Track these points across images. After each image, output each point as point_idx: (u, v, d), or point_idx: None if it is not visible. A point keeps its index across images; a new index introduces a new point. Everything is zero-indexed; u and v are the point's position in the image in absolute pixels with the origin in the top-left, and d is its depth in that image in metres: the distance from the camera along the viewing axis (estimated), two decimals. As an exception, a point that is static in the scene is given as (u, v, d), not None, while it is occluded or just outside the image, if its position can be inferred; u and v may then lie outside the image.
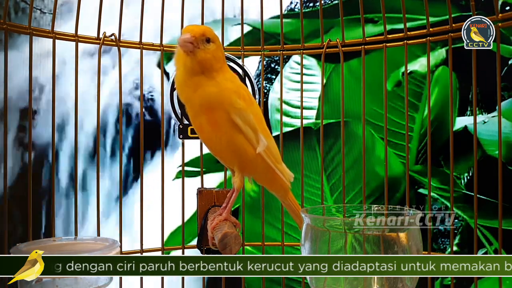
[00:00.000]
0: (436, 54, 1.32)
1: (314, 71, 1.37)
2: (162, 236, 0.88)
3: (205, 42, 0.64)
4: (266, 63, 1.36)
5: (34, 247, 0.63)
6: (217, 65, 0.65)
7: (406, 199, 0.88)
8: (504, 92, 1.27)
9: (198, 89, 0.64)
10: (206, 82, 0.64)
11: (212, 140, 0.67)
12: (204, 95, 0.64)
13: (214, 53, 0.64)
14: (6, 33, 0.77)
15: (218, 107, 0.64)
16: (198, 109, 0.65)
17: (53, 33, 0.81)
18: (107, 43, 0.86)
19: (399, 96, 1.32)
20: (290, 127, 1.30)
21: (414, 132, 1.33)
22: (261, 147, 0.66)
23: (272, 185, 0.72)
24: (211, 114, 0.64)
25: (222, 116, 0.64)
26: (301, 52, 0.93)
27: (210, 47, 0.64)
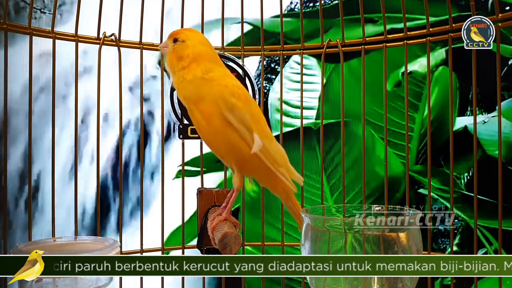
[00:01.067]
0: (436, 54, 1.32)
1: (314, 71, 1.37)
2: (162, 236, 0.89)
3: (172, 42, 0.69)
4: (266, 63, 1.36)
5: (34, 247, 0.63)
6: (183, 62, 0.67)
7: (406, 199, 0.88)
8: (504, 92, 1.27)
9: (180, 85, 0.68)
10: (186, 77, 0.67)
11: (209, 136, 0.67)
12: (186, 90, 0.67)
13: (179, 51, 0.68)
14: (6, 33, 0.77)
15: (202, 100, 0.65)
16: (187, 103, 0.67)
17: (53, 33, 0.81)
18: (107, 43, 0.86)
19: (399, 96, 1.32)
20: (290, 127, 1.30)
21: (414, 132, 1.33)
22: (256, 147, 0.65)
23: (274, 187, 0.71)
24: (200, 108, 0.66)
25: (214, 111, 0.65)
26: (301, 52, 0.93)
27: (176, 46, 0.68)
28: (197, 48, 0.68)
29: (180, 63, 0.67)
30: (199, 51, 0.68)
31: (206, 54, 0.68)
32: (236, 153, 0.66)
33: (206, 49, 0.69)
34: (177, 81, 0.68)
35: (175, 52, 0.68)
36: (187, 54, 0.67)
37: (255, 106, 0.70)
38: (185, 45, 0.68)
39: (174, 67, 0.68)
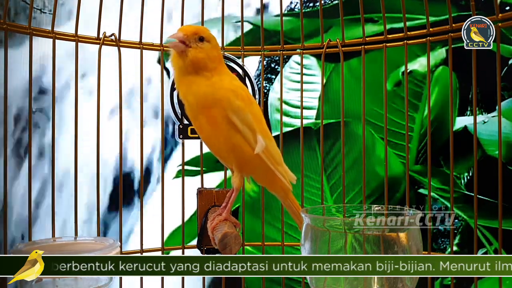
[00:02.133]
0: (436, 54, 1.32)
1: (314, 71, 1.37)
2: (162, 236, 0.88)
3: (198, 40, 0.63)
4: (266, 63, 1.36)
5: (34, 247, 0.63)
6: (212, 64, 0.64)
7: (406, 199, 0.88)
8: (504, 92, 1.27)
9: (193, 88, 0.64)
10: (202, 81, 0.64)
11: (212, 139, 0.67)
12: (200, 94, 0.64)
13: (209, 52, 0.64)
14: (6, 33, 0.77)
15: (215, 106, 0.64)
16: (196, 108, 0.65)
17: (53, 33, 0.81)
18: (107, 43, 0.86)
19: (399, 96, 1.32)
20: (290, 127, 1.30)
21: (414, 132, 1.33)
22: (259, 147, 0.66)
23: (272, 186, 0.72)
24: (209, 113, 0.64)
25: (220, 114, 0.64)
26: (301, 52, 0.93)
27: (204, 46, 0.64)
28: (219, 51, 0.67)
29: (211, 64, 0.64)
30: (220, 53, 0.67)
31: (221, 56, 0.67)
32: (238, 154, 0.66)
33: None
34: (189, 82, 0.64)
35: (204, 52, 0.63)
36: (214, 56, 0.64)
37: (257, 106, 0.70)
38: (212, 46, 0.64)
39: (200, 67, 0.63)
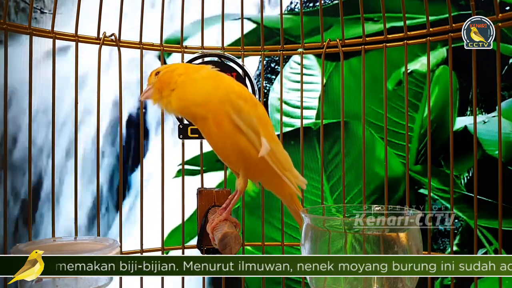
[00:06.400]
0: (437, 54, 1.32)
1: (314, 71, 1.37)
2: (162, 236, 0.88)
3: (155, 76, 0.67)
4: (266, 63, 1.36)
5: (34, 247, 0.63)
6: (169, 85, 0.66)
7: (406, 199, 0.88)
8: (504, 92, 1.27)
9: (185, 102, 0.65)
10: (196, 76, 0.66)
11: (219, 144, 0.66)
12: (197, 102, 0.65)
13: (161, 79, 0.66)
14: (6, 33, 0.77)
15: (219, 108, 0.64)
16: (199, 118, 0.65)
17: (53, 33, 0.81)
18: (107, 43, 0.86)
19: (399, 96, 1.32)
20: (290, 127, 1.30)
21: (414, 132, 1.33)
22: (264, 151, 0.65)
23: (279, 191, 0.71)
24: (214, 117, 0.64)
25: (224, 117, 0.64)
26: (301, 52, 0.93)
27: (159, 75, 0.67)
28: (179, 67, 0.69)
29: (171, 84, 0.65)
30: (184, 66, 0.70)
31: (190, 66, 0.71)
32: (245, 158, 0.66)
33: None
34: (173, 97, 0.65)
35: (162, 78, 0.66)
36: (169, 77, 0.66)
37: (262, 109, 0.69)
38: (169, 70, 0.67)
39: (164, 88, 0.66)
